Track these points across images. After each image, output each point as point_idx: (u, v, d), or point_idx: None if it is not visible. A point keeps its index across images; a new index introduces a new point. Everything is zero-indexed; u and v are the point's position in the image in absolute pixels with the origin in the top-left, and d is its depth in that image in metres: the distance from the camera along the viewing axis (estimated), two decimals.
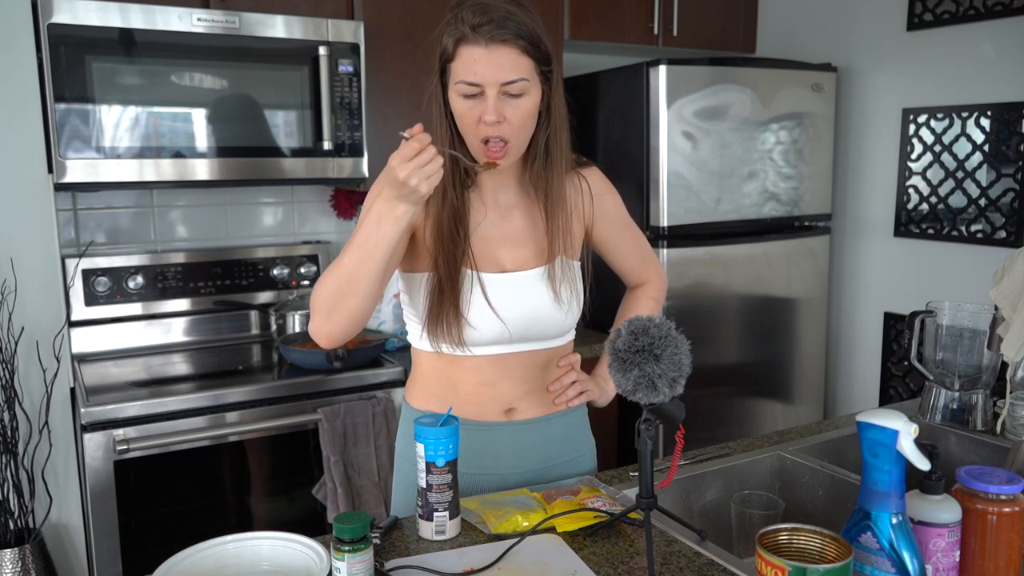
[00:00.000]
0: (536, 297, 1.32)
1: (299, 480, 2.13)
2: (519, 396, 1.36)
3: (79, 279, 2.31)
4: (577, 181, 1.39)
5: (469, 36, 1.16)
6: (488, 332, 1.29)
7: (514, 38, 1.16)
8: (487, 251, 1.32)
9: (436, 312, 1.27)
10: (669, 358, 1.01)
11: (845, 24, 2.83)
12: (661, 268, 1.56)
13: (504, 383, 1.34)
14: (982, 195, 2.48)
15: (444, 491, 1.16)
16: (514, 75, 1.17)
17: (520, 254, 1.33)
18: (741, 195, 2.60)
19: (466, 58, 1.17)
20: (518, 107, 1.20)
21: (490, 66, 1.16)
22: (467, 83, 1.18)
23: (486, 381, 1.34)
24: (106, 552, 1.93)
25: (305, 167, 2.25)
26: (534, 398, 1.37)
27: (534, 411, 1.38)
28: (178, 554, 1.05)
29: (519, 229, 1.34)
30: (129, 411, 1.92)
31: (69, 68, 1.95)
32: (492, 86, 1.17)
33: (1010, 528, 0.99)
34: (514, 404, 1.36)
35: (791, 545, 0.93)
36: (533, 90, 1.21)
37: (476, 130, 1.21)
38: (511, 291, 1.31)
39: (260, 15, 2.14)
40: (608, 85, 2.64)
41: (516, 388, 1.35)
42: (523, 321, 1.31)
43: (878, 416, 0.94)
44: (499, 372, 1.34)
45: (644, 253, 1.52)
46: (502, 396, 1.35)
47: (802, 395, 2.87)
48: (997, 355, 1.50)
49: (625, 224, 1.48)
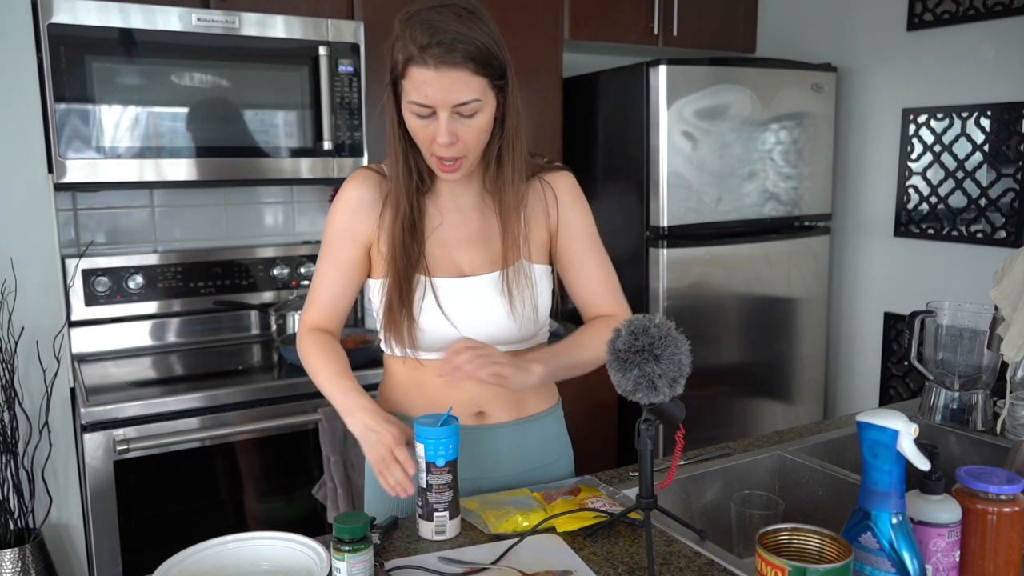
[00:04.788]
0: (489, 303, 1.30)
1: (299, 480, 2.13)
2: (487, 399, 1.34)
3: (79, 279, 2.31)
4: (540, 187, 1.35)
5: (417, 57, 1.13)
6: (440, 337, 1.28)
7: (463, 60, 1.13)
8: (444, 254, 1.31)
9: (389, 317, 1.29)
10: (669, 358, 1.01)
11: (845, 24, 2.83)
12: (628, 309, 1.39)
13: (471, 386, 1.30)
14: (982, 195, 2.48)
15: (444, 491, 1.16)
16: (466, 96, 1.15)
17: (477, 256, 1.32)
18: (741, 195, 2.60)
19: (416, 79, 1.15)
20: (471, 126, 1.19)
21: (440, 89, 1.14)
22: (418, 104, 1.16)
23: (451, 384, 1.29)
24: (106, 552, 1.93)
25: (305, 167, 2.25)
26: (503, 401, 1.35)
27: (505, 415, 1.36)
28: (178, 554, 1.05)
29: (477, 231, 1.33)
30: (129, 411, 1.92)
31: (69, 68, 1.95)
32: (444, 108, 1.16)
33: (1010, 528, 0.99)
34: (483, 407, 1.34)
35: (791, 545, 0.93)
36: (487, 107, 1.19)
37: (430, 148, 1.21)
38: (464, 296, 1.30)
39: (260, 15, 2.14)
40: (608, 85, 2.64)
41: (484, 391, 1.32)
42: (477, 326, 1.29)
43: (878, 416, 0.94)
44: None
45: (611, 284, 1.39)
46: (471, 399, 1.33)
47: (802, 395, 2.87)
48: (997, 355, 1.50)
49: (591, 244, 1.38)
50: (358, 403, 1.21)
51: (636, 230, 2.56)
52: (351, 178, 1.33)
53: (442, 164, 1.22)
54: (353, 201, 1.31)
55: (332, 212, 1.33)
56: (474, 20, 1.16)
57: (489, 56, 1.16)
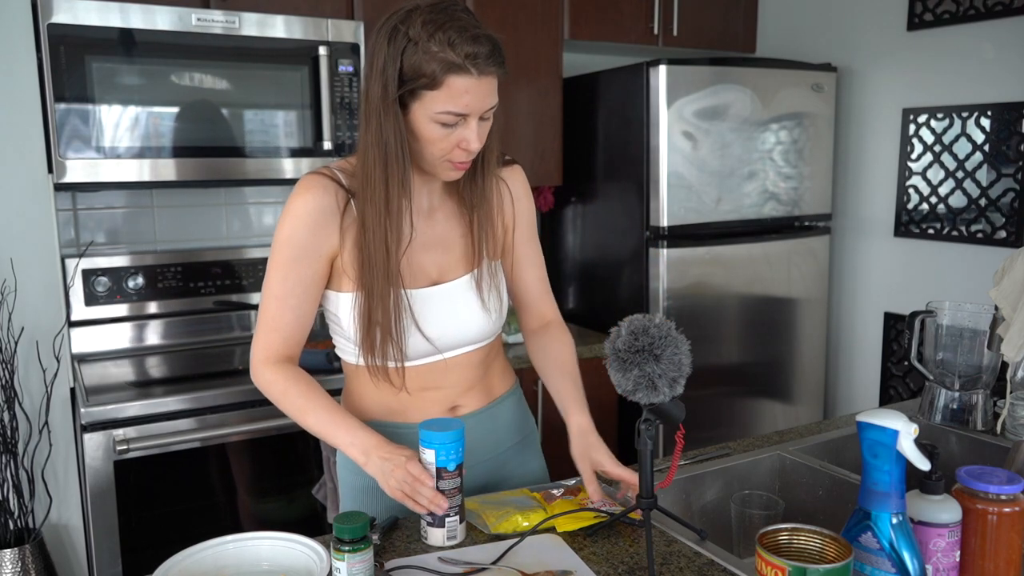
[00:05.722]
0: (464, 307, 1.30)
1: (299, 480, 2.13)
2: (460, 394, 1.34)
3: (79, 279, 2.31)
4: (496, 182, 1.33)
5: (461, 66, 1.09)
6: (418, 348, 1.26)
7: (499, 67, 1.12)
8: (412, 261, 1.26)
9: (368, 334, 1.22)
10: (669, 358, 1.01)
11: (845, 24, 2.83)
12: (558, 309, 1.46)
13: (445, 386, 1.32)
14: (982, 195, 2.48)
15: (455, 495, 1.15)
16: (495, 99, 1.15)
17: (446, 259, 1.30)
18: (741, 195, 2.60)
19: (455, 88, 1.10)
20: (486, 127, 1.18)
21: (478, 96, 1.12)
22: (452, 113, 1.12)
23: (427, 386, 1.31)
24: (106, 552, 1.93)
25: (305, 167, 2.25)
26: (475, 392, 1.36)
27: (477, 403, 1.36)
28: (178, 554, 1.05)
29: (444, 233, 1.31)
30: (129, 411, 1.92)
31: (69, 68, 1.95)
32: (476, 114, 1.14)
33: (1010, 528, 0.99)
34: (457, 402, 1.34)
35: (791, 545, 0.93)
36: None
37: (448, 154, 1.17)
38: (439, 305, 1.27)
39: (260, 15, 2.14)
40: (608, 85, 2.64)
41: (457, 387, 1.33)
42: (452, 333, 1.29)
43: (878, 416, 0.94)
44: (438, 377, 1.31)
45: (545, 281, 1.43)
46: (446, 397, 1.33)
47: (802, 395, 2.88)
48: (997, 355, 1.50)
49: (532, 237, 1.40)
50: (371, 441, 1.17)
51: (636, 230, 2.56)
52: (306, 187, 1.21)
53: (456, 166, 1.19)
54: (315, 213, 1.20)
55: (289, 226, 1.20)
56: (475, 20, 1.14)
57: None
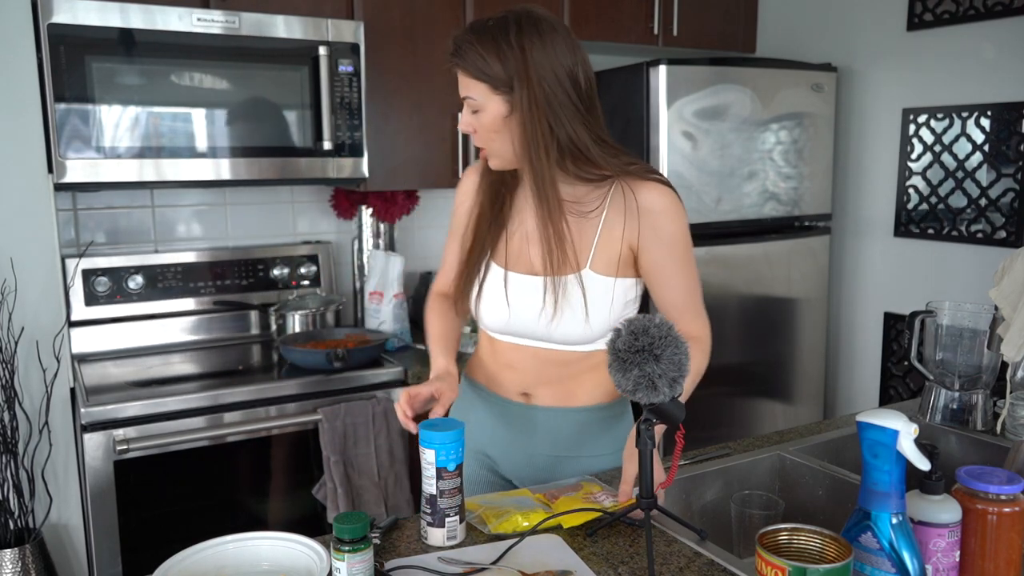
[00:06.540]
0: (531, 305, 1.36)
1: (299, 480, 2.14)
2: (532, 384, 1.43)
3: (79, 279, 2.31)
4: (622, 196, 1.34)
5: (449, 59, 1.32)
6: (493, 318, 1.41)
7: (464, 65, 1.28)
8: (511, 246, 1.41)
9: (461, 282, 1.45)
10: (669, 358, 1.01)
11: (845, 24, 2.83)
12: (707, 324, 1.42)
13: (520, 370, 1.43)
14: (982, 195, 2.48)
15: (455, 495, 1.16)
16: (467, 94, 1.30)
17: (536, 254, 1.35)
18: (741, 195, 2.60)
19: None
20: (479, 120, 1.31)
21: (460, 85, 1.32)
22: None
23: (506, 364, 1.44)
24: (106, 552, 1.93)
25: (305, 167, 2.25)
26: (548, 390, 1.42)
27: (548, 401, 1.43)
28: (178, 554, 1.05)
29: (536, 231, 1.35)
30: (129, 411, 1.92)
31: (69, 68, 1.95)
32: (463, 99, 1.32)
33: (1010, 528, 0.99)
34: (529, 390, 1.44)
35: (791, 545, 0.93)
36: (489, 107, 1.29)
37: None
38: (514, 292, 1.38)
39: (260, 15, 2.14)
40: (608, 85, 2.64)
41: (529, 377, 1.43)
42: (517, 323, 1.38)
43: (878, 416, 0.94)
44: (514, 359, 1.43)
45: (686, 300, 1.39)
46: (520, 380, 1.44)
47: (802, 395, 2.87)
48: (997, 355, 1.50)
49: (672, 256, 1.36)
50: (435, 365, 1.43)
51: None
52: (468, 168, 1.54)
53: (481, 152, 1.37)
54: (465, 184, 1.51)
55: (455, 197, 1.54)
56: (497, 31, 1.25)
57: (484, 71, 1.26)
